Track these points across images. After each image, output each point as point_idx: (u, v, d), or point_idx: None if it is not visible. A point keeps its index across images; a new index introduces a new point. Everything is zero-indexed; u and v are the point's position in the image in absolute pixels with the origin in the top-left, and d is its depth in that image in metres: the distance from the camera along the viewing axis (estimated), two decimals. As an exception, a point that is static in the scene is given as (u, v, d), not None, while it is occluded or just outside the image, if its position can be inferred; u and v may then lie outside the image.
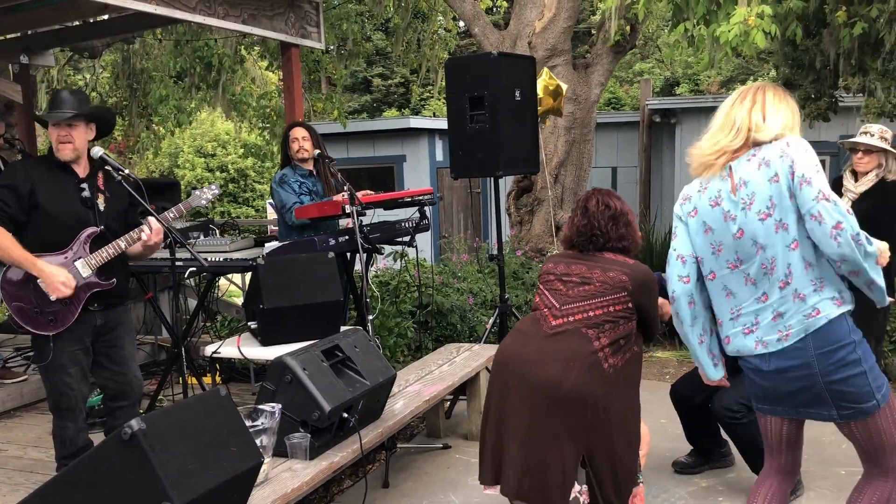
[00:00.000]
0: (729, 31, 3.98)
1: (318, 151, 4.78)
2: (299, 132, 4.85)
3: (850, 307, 2.39)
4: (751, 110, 2.46)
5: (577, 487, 2.90)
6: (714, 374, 2.72)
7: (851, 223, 2.28)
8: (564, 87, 5.92)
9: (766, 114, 2.45)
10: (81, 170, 3.32)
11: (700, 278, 2.61)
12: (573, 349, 2.84)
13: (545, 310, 2.99)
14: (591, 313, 2.89)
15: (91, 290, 3.29)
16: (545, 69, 6.66)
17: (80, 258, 3.25)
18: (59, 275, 3.14)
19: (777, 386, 2.45)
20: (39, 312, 3.21)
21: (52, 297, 3.17)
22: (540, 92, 5.76)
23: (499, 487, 2.98)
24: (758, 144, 2.44)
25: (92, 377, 3.49)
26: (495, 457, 2.98)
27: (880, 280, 2.36)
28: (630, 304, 2.89)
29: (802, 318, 2.36)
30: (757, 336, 2.45)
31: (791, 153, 2.35)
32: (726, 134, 2.49)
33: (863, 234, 2.30)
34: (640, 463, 3.05)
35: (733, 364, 2.70)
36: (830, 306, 2.34)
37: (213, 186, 3.78)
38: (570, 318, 2.91)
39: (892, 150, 4.35)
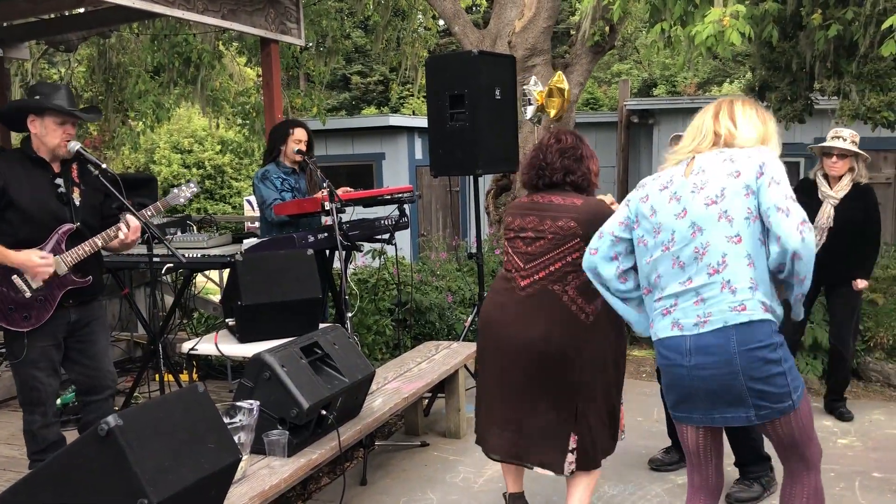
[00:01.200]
0: (703, 31, 4.01)
1: (299, 151, 4.77)
2: (302, 134, 4.80)
3: (775, 320, 2.36)
4: (717, 116, 2.49)
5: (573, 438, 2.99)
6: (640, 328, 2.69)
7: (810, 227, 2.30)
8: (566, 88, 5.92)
9: (737, 122, 2.47)
10: (56, 164, 3.28)
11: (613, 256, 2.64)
12: (548, 308, 2.92)
13: (514, 272, 3.05)
14: (551, 268, 2.95)
15: (66, 287, 3.26)
16: (559, 73, 6.69)
17: (56, 255, 3.21)
18: (32, 256, 3.11)
19: (695, 385, 2.39)
20: (14, 309, 3.17)
21: (31, 288, 3.14)
22: (553, 93, 5.81)
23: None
24: (729, 146, 2.47)
25: (65, 372, 3.46)
26: (488, 422, 3.10)
27: (803, 290, 2.36)
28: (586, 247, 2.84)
29: (726, 309, 2.32)
30: (674, 317, 2.42)
31: (762, 157, 2.36)
32: (692, 139, 2.53)
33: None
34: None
35: None
36: (758, 308, 2.31)
37: (192, 184, 3.76)
38: (536, 277, 2.97)
39: (863, 153, 4.42)
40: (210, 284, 7.76)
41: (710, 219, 2.37)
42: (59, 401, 4.35)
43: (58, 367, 3.38)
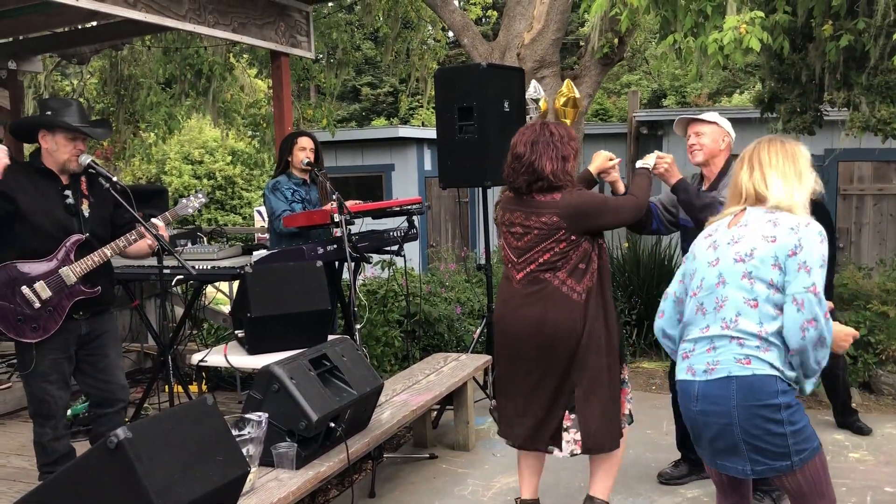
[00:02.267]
0: (723, 37, 4.01)
1: (308, 161, 4.79)
2: (307, 142, 4.84)
3: (783, 376, 2.34)
4: (752, 175, 2.50)
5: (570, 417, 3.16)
6: None
7: (825, 326, 2.28)
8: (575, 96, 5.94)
9: (766, 177, 2.47)
10: (65, 176, 3.31)
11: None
12: (541, 293, 3.11)
13: (510, 266, 3.24)
14: (541, 259, 3.12)
15: (75, 297, 3.27)
16: (568, 81, 6.71)
17: (65, 266, 3.23)
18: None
19: (699, 430, 2.46)
20: (23, 321, 3.19)
21: (38, 301, 3.15)
22: (568, 103, 5.84)
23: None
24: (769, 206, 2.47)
25: (77, 384, 3.47)
26: (506, 413, 3.28)
27: (816, 374, 2.37)
28: (572, 237, 3.07)
29: (731, 360, 2.35)
30: (690, 362, 2.47)
31: (805, 235, 2.33)
32: (733, 197, 2.56)
33: (827, 328, 2.29)
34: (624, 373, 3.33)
35: None
36: (763, 365, 2.32)
37: (200, 195, 3.77)
38: (529, 269, 3.15)
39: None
40: (220, 295, 7.79)
41: (734, 274, 2.39)
42: (69, 412, 4.37)
43: (68, 379, 3.39)
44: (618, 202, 3.28)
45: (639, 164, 3.51)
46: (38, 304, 3.18)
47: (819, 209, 4.33)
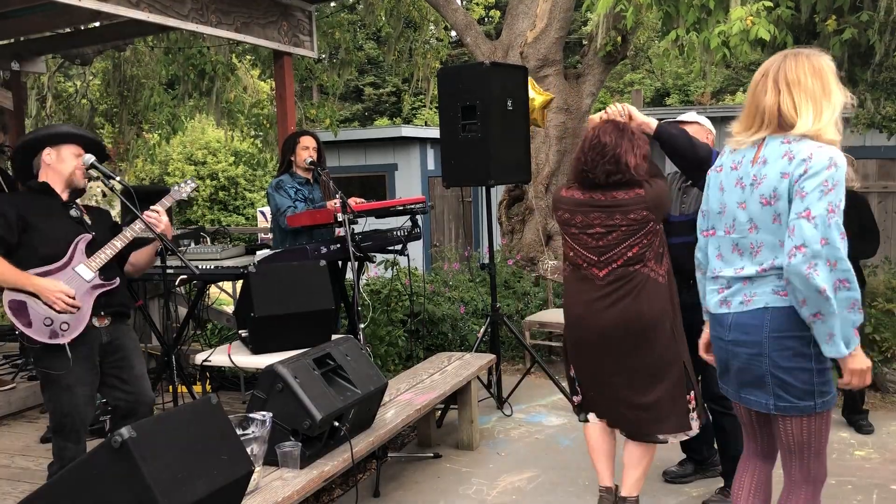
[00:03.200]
0: (730, 28, 4.01)
1: (310, 160, 4.80)
2: (310, 141, 4.85)
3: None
4: (779, 98, 2.35)
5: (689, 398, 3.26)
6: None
7: (822, 251, 2.18)
8: (540, 98, 5.88)
9: (796, 102, 2.33)
10: (65, 194, 3.32)
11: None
12: (630, 284, 3.15)
13: (586, 265, 3.23)
14: (629, 254, 3.15)
15: (97, 291, 3.26)
16: (530, 80, 6.67)
17: (80, 263, 3.23)
18: (54, 286, 3.10)
19: (729, 360, 2.48)
20: (51, 323, 3.14)
21: (55, 310, 3.13)
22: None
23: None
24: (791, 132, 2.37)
25: (103, 397, 3.43)
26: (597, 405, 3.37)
27: (839, 335, 2.22)
28: (657, 227, 3.17)
29: (769, 291, 2.35)
30: (724, 296, 2.49)
31: (815, 162, 2.25)
32: (758, 123, 2.42)
33: (829, 254, 2.18)
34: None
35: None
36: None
37: (189, 181, 3.80)
38: (615, 265, 3.17)
39: (850, 155, 4.20)
40: (224, 295, 7.80)
41: (765, 219, 2.36)
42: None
43: (95, 394, 3.33)
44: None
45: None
46: (58, 309, 3.16)
47: (859, 200, 4.29)
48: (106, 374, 3.33)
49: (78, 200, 3.41)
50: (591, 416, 3.45)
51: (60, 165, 3.25)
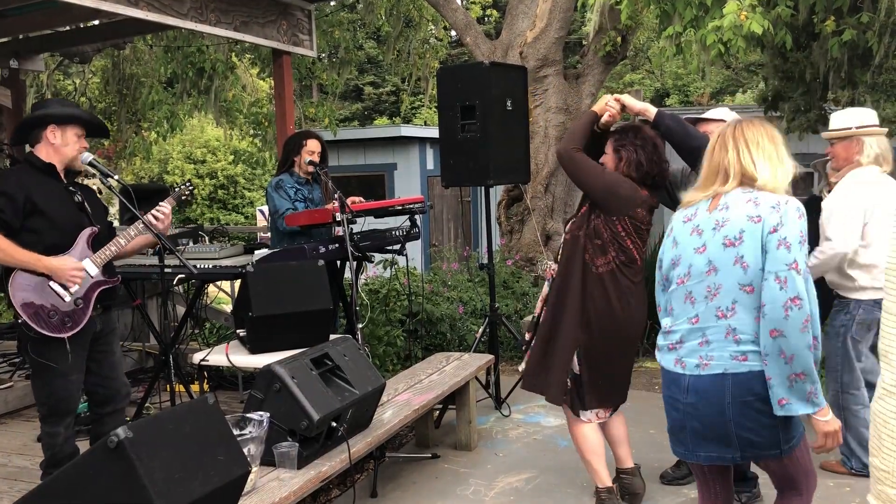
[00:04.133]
0: (723, 22, 4.02)
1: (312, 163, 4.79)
2: (316, 146, 4.82)
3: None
4: (739, 155, 2.42)
5: None
6: None
7: (812, 310, 2.21)
8: None
9: (754, 158, 2.40)
10: (63, 175, 3.32)
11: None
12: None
13: (634, 266, 3.41)
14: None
15: (99, 287, 3.29)
16: None
17: (85, 258, 3.24)
18: (67, 263, 3.14)
19: (684, 419, 2.43)
20: (55, 315, 3.18)
21: (72, 290, 3.15)
22: None
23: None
24: (751, 186, 2.41)
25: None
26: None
27: (818, 391, 2.25)
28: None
29: (727, 357, 2.33)
30: (678, 354, 2.45)
31: (786, 211, 2.29)
32: (720, 181, 2.45)
33: (813, 311, 2.23)
34: None
35: None
36: (759, 360, 2.30)
37: (187, 183, 3.86)
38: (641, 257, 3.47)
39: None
40: (222, 295, 7.78)
41: (726, 261, 2.35)
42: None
43: (83, 379, 3.38)
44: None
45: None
46: (68, 298, 3.18)
47: (815, 205, 4.25)
48: (89, 359, 3.36)
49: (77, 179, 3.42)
50: (591, 415, 3.46)
51: (64, 147, 3.25)
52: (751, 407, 2.30)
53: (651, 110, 3.49)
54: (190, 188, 3.84)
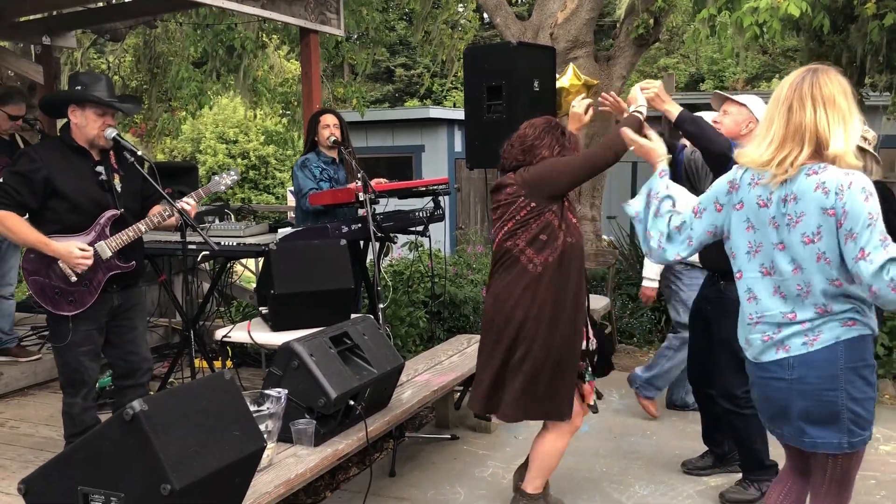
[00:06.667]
0: (759, 2, 3.92)
1: (334, 139, 4.78)
2: (330, 119, 4.83)
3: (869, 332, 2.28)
4: (816, 117, 2.23)
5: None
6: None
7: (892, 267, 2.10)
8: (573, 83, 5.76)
9: (829, 122, 2.22)
10: (95, 151, 3.32)
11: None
12: (504, 265, 3.17)
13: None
14: (505, 228, 3.14)
15: (111, 271, 3.31)
16: (571, 66, 6.57)
17: (100, 240, 3.26)
18: (73, 249, 3.16)
19: (789, 399, 2.31)
20: (60, 293, 3.22)
21: (75, 275, 3.19)
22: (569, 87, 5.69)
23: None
24: (821, 155, 2.25)
25: (103, 356, 3.51)
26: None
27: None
28: (533, 203, 3.08)
29: (838, 325, 2.25)
30: (774, 341, 2.33)
31: (848, 198, 2.14)
32: (796, 146, 2.25)
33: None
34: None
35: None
36: (864, 327, 2.26)
37: (233, 172, 3.78)
38: (496, 240, 3.20)
39: (872, 151, 3.82)
40: (248, 273, 7.84)
41: (809, 258, 2.23)
42: (97, 384, 4.42)
43: (99, 351, 3.43)
44: (567, 161, 3.18)
45: (631, 108, 3.29)
46: (74, 279, 3.21)
47: (886, 191, 4.14)
48: (109, 332, 3.43)
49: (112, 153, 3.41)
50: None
51: (85, 127, 3.26)
52: (861, 374, 2.25)
53: (673, 113, 3.32)
54: (233, 178, 3.71)
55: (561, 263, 3.08)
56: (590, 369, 3.32)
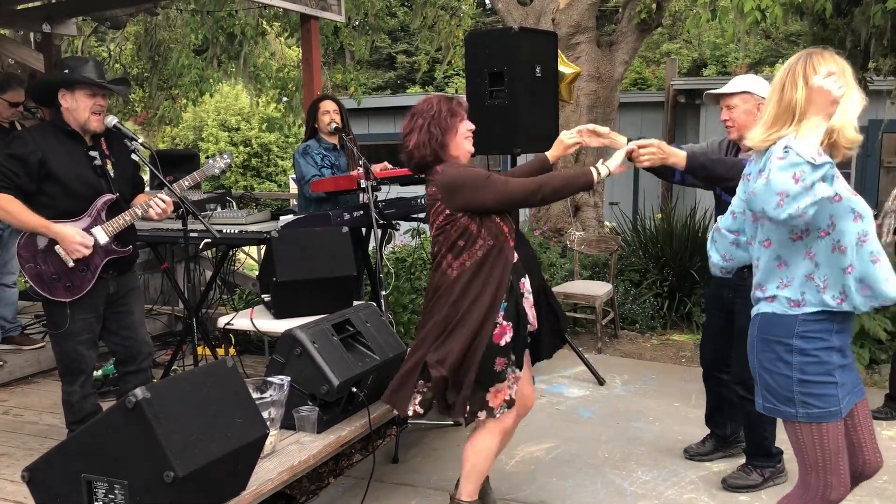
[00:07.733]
0: None
1: (334, 125, 4.76)
2: (330, 105, 4.82)
3: (809, 310, 2.28)
4: (806, 93, 2.22)
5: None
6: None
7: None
8: (569, 72, 5.73)
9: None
10: (87, 136, 3.30)
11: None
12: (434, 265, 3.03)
13: None
14: (433, 228, 3.02)
15: (108, 256, 3.30)
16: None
17: (97, 225, 3.25)
18: (75, 235, 3.15)
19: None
20: (57, 279, 3.22)
21: (72, 260, 3.18)
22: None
23: None
24: None
25: (102, 343, 3.51)
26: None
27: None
28: (447, 211, 2.93)
29: (759, 297, 2.40)
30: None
31: (772, 160, 2.13)
32: (788, 122, 2.25)
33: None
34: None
35: None
36: (785, 304, 2.31)
37: (226, 155, 3.77)
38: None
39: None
40: (251, 261, 7.85)
41: (748, 220, 2.41)
42: (99, 372, 4.44)
43: (97, 339, 3.43)
44: (504, 183, 3.03)
45: (600, 162, 3.12)
46: (71, 264, 3.21)
47: None
48: (106, 318, 3.41)
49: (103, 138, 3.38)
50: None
51: (76, 111, 3.23)
52: (771, 346, 2.35)
53: (681, 163, 3.18)
54: (226, 160, 3.69)
55: (480, 267, 2.92)
56: (511, 364, 3.04)
